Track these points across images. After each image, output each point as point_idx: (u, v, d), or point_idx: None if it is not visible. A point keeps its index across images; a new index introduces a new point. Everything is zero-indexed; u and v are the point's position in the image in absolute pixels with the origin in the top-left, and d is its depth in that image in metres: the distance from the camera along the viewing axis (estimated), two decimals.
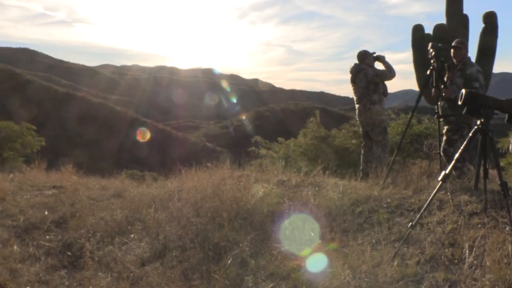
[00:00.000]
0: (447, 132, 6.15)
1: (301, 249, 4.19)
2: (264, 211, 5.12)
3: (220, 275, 3.92)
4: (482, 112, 3.69)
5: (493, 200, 4.24)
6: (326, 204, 5.08)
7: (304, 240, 4.36)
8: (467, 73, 5.86)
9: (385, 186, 5.50)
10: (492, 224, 3.80)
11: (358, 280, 3.40)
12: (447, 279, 3.22)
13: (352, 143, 10.59)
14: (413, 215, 4.46)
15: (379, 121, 7.21)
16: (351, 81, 7.44)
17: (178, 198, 5.99)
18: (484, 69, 8.81)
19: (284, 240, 4.38)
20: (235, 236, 4.61)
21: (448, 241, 3.77)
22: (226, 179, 6.51)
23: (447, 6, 9.57)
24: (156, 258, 4.62)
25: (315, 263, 3.91)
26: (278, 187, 6.10)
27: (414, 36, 9.85)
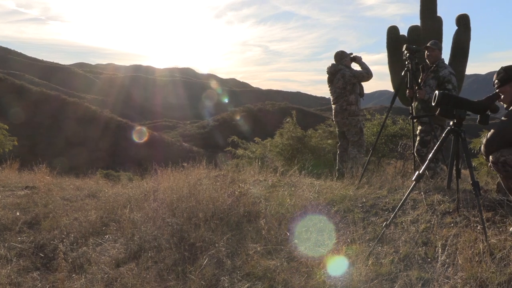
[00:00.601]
0: (420, 133, 6.24)
1: (277, 249, 4.21)
2: (240, 211, 5.11)
3: (196, 275, 3.91)
4: (455, 113, 3.75)
5: (465, 199, 4.31)
6: (302, 203, 5.10)
7: (280, 240, 4.37)
8: (440, 75, 5.95)
9: (360, 186, 5.56)
10: (464, 223, 3.86)
11: (333, 279, 3.42)
12: (420, 277, 3.26)
13: (328, 143, 10.67)
14: (387, 215, 4.52)
15: (355, 122, 7.28)
16: (328, 82, 7.48)
17: (153, 199, 5.95)
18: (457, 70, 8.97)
19: (261, 240, 4.38)
20: (211, 236, 4.60)
21: (422, 240, 3.82)
22: (202, 179, 6.49)
23: (422, 8, 9.72)
24: (131, 259, 4.58)
25: (292, 262, 3.93)
26: (255, 187, 6.11)
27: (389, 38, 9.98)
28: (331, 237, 4.26)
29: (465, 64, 9.49)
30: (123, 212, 5.63)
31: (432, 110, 4.31)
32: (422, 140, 6.18)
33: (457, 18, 9.57)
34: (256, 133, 16.37)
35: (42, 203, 6.39)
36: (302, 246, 4.15)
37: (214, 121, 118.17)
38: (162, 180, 6.63)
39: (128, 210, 5.67)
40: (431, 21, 9.61)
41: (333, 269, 3.57)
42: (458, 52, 9.38)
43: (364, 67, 7.28)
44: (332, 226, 4.57)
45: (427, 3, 9.63)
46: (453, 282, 3.04)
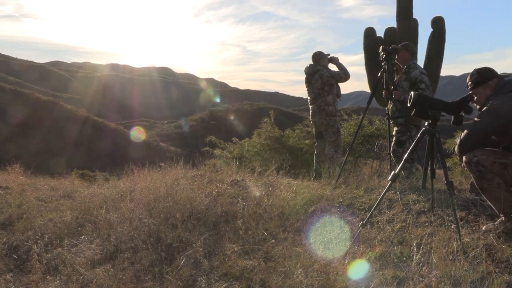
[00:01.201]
0: (396, 133, 6.31)
1: (255, 249, 4.21)
2: (218, 211, 5.10)
3: (172, 276, 3.88)
4: (430, 114, 3.81)
5: (440, 199, 4.39)
6: (280, 203, 5.12)
7: (257, 240, 4.38)
8: (411, 76, 6.04)
9: (337, 186, 5.60)
10: (439, 222, 3.93)
11: (310, 278, 3.44)
12: (395, 276, 3.30)
13: (305, 143, 10.71)
14: (364, 214, 4.56)
15: (332, 122, 7.33)
16: (306, 82, 7.52)
17: (130, 199, 5.89)
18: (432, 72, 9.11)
19: (238, 240, 4.38)
20: (188, 237, 4.58)
21: (397, 239, 3.87)
22: (179, 179, 6.46)
23: (398, 10, 9.84)
24: (107, 260, 4.52)
25: (269, 262, 3.93)
26: (232, 187, 6.10)
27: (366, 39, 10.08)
28: (308, 237, 4.28)
29: (440, 66, 9.64)
30: (99, 213, 5.57)
31: (407, 110, 4.37)
32: (398, 141, 6.25)
33: (432, 20, 9.72)
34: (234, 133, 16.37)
35: (16, 203, 6.28)
36: (280, 246, 4.16)
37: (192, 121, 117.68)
38: (139, 180, 6.58)
39: (104, 211, 5.60)
40: (407, 23, 9.74)
41: (309, 269, 3.59)
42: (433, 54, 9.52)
43: (342, 68, 7.34)
44: (309, 226, 4.60)
45: (403, 5, 9.76)
46: (428, 280, 3.08)
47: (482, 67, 3.92)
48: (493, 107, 3.64)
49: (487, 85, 3.79)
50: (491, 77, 3.81)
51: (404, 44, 6.19)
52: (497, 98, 3.66)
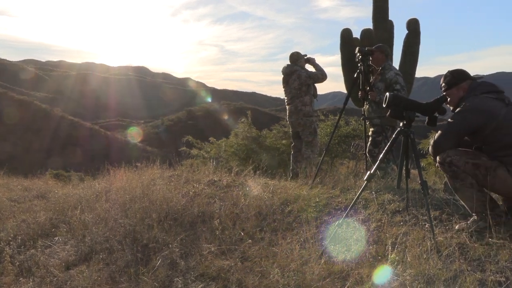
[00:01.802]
0: (372, 134, 6.38)
1: (231, 249, 4.21)
2: (194, 212, 5.09)
3: (148, 277, 3.86)
4: (405, 114, 3.85)
5: (414, 198, 4.45)
6: (257, 203, 5.13)
7: (234, 240, 4.37)
8: (386, 77, 6.10)
9: (314, 186, 5.63)
10: (413, 222, 3.98)
11: (286, 278, 3.45)
12: (371, 275, 3.33)
13: (282, 144, 10.74)
14: (340, 214, 4.59)
15: (309, 122, 7.36)
16: (283, 82, 7.53)
17: (105, 199, 5.84)
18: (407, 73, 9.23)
19: (215, 240, 4.37)
20: (165, 237, 4.55)
21: (372, 238, 3.91)
22: (156, 179, 6.42)
23: (374, 12, 9.96)
24: (82, 261, 4.48)
25: (246, 262, 3.94)
26: (209, 187, 6.09)
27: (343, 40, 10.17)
28: (285, 237, 4.29)
29: (415, 67, 9.80)
30: (74, 213, 5.50)
31: (383, 111, 4.41)
32: (374, 141, 6.31)
33: (407, 22, 9.86)
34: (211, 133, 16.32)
35: None
36: (257, 245, 4.17)
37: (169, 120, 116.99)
38: (114, 181, 6.52)
39: (79, 211, 5.54)
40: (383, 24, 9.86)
41: (286, 268, 3.60)
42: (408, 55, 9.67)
43: (319, 69, 7.37)
44: (286, 226, 4.62)
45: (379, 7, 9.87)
46: (402, 279, 3.12)
47: (455, 69, 3.99)
48: (466, 108, 3.71)
49: (460, 87, 3.86)
50: (464, 78, 3.88)
51: (378, 46, 6.26)
52: (470, 99, 3.73)
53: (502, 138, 3.58)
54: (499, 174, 3.55)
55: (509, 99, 3.70)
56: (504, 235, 3.41)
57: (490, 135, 3.62)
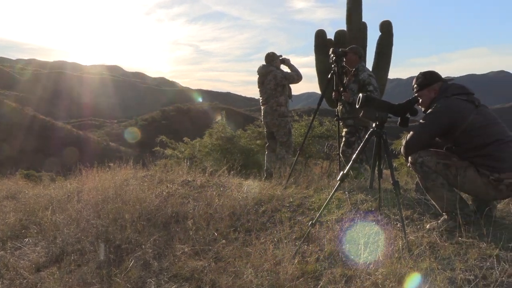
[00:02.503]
0: (345, 134, 6.43)
1: (205, 249, 4.19)
2: (168, 212, 5.05)
3: (121, 278, 3.81)
4: (377, 115, 3.89)
5: (386, 198, 4.50)
6: (231, 204, 5.12)
7: (208, 240, 4.36)
8: (359, 78, 6.17)
9: (288, 186, 5.65)
10: (385, 221, 4.03)
11: (260, 278, 3.45)
12: (343, 274, 3.35)
13: (256, 144, 10.76)
14: (313, 214, 4.62)
15: (284, 123, 7.39)
16: (259, 82, 7.54)
17: (77, 200, 5.76)
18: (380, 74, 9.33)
19: (188, 241, 4.35)
20: (138, 238, 4.51)
21: (346, 238, 3.94)
22: (129, 180, 6.36)
23: (348, 14, 10.04)
24: (53, 263, 4.40)
25: (220, 262, 3.92)
26: (183, 187, 6.05)
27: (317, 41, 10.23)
28: (258, 237, 4.29)
29: (388, 69, 9.91)
30: (45, 214, 5.41)
31: (356, 112, 4.46)
32: (347, 141, 6.37)
33: (380, 24, 9.98)
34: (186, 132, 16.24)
35: None
36: (230, 246, 4.16)
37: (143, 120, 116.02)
38: (86, 181, 6.43)
39: (50, 212, 5.45)
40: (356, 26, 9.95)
41: (260, 268, 3.60)
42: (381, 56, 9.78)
43: (294, 70, 7.41)
44: (259, 226, 4.62)
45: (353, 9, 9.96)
46: (374, 278, 3.15)
47: (427, 71, 4.05)
48: (437, 110, 3.77)
49: (432, 88, 3.92)
50: (436, 80, 3.94)
51: (352, 47, 6.32)
52: (441, 101, 3.80)
53: (472, 139, 3.65)
54: (469, 175, 3.62)
55: (479, 101, 3.78)
56: (473, 234, 3.47)
57: (460, 136, 3.69)
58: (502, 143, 3.60)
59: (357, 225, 4.08)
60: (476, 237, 3.42)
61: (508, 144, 3.62)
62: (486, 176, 3.55)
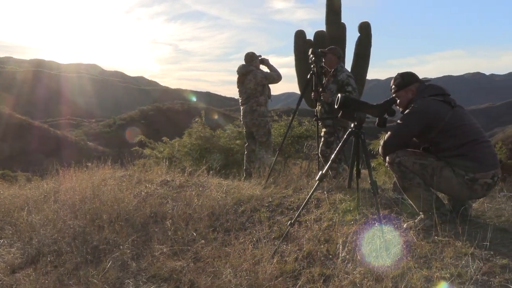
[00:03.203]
0: (324, 134, 6.46)
1: (184, 250, 4.17)
2: (146, 212, 5.02)
3: (98, 279, 3.77)
4: (356, 115, 3.92)
5: (365, 198, 4.54)
6: (210, 204, 5.11)
7: (187, 241, 4.34)
8: (338, 79, 6.21)
9: (267, 186, 5.66)
10: (363, 221, 4.06)
11: (239, 278, 3.45)
12: (322, 273, 3.37)
13: (236, 144, 10.74)
14: (292, 214, 4.63)
15: (264, 123, 7.39)
16: (238, 82, 7.53)
17: (54, 200, 5.68)
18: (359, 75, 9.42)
19: (167, 241, 4.32)
20: (116, 238, 4.47)
21: (324, 237, 3.96)
22: (107, 180, 6.30)
23: (327, 14, 10.11)
24: (29, 264, 4.33)
25: (198, 263, 3.91)
26: (162, 187, 6.02)
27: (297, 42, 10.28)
28: (237, 237, 4.29)
29: (366, 69, 10.01)
30: (20, 215, 5.32)
31: (335, 112, 4.48)
32: (326, 141, 6.40)
33: (359, 25, 10.07)
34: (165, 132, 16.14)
35: None
36: (209, 246, 4.15)
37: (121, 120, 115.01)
38: (64, 181, 6.35)
39: (25, 213, 5.36)
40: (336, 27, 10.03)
41: (238, 268, 3.60)
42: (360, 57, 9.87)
43: (273, 70, 7.42)
44: (239, 226, 4.62)
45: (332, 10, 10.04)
46: (352, 277, 3.18)
47: (404, 72, 4.09)
48: (414, 110, 3.82)
49: (409, 89, 3.97)
50: (413, 81, 3.99)
51: (331, 48, 6.35)
52: (418, 101, 3.84)
53: (448, 139, 3.70)
54: (445, 175, 3.68)
55: (455, 102, 3.84)
56: (449, 233, 3.52)
57: (436, 136, 3.74)
58: (477, 143, 3.66)
59: (335, 225, 4.11)
60: (452, 236, 3.47)
61: (482, 144, 3.68)
62: (461, 176, 3.61)
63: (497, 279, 2.79)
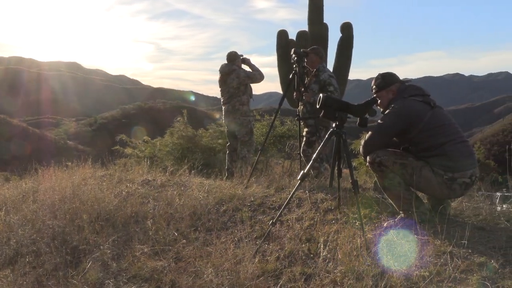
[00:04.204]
0: (306, 134, 6.49)
1: (165, 250, 4.15)
2: (127, 212, 4.98)
3: (78, 280, 3.74)
4: (337, 115, 3.94)
5: (346, 197, 4.56)
6: (191, 203, 5.09)
7: (168, 240, 4.32)
8: (320, 78, 6.24)
9: (249, 185, 5.66)
10: (344, 220, 4.08)
11: (220, 278, 3.45)
12: (303, 272, 3.39)
13: (218, 143, 10.72)
14: (274, 213, 4.64)
15: (246, 122, 7.39)
16: (220, 81, 7.51)
17: (33, 200, 5.61)
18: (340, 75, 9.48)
19: (148, 241, 4.30)
20: (96, 239, 4.43)
21: (305, 236, 3.98)
22: (87, 179, 6.23)
23: (309, 14, 10.15)
24: (6, 265, 4.27)
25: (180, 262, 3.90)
26: (143, 187, 5.98)
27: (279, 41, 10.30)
28: (219, 236, 4.29)
29: (348, 69, 10.08)
30: None
31: (316, 112, 4.50)
32: (308, 141, 6.43)
33: (341, 26, 10.13)
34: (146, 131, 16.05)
35: None
36: (191, 246, 4.13)
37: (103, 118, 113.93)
38: (43, 180, 6.27)
39: (3, 213, 5.29)
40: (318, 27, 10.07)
41: (220, 268, 3.59)
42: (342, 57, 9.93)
43: (255, 69, 7.42)
44: (220, 225, 4.61)
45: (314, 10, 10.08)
46: (333, 276, 3.20)
47: (385, 72, 4.13)
48: (395, 110, 3.86)
49: (390, 89, 4.00)
50: (394, 81, 4.03)
51: (313, 48, 6.38)
52: (398, 102, 3.88)
53: (427, 139, 3.75)
54: (424, 174, 3.72)
55: (435, 102, 3.88)
56: (429, 231, 3.57)
57: (416, 136, 3.78)
58: (456, 143, 3.71)
59: (317, 224, 4.13)
60: (431, 235, 3.51)
61: (461, 144, 3.74)
62: (440, 176, 3.66)
63: (475, 277, 2.83)
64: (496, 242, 3.35)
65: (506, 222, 3.88)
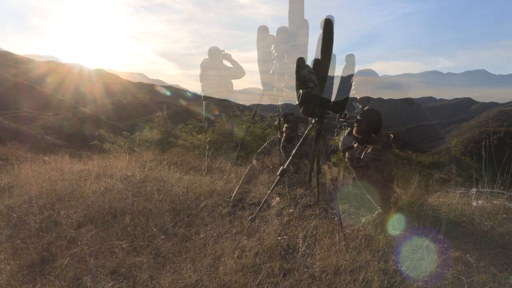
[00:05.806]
0: (286, 130, 6.51)
1: (144, 245, 4.12)
2: (105, 207, 4.93)
3: (55, 276, 3.69)
4: (317, 112, 3.96)
5: (324, 193, 4.60)
6: (171, 199, 5.07)
7: (147, 236, 4.29)
8: (300, 75, 6.26)
9: (229, 181, 5.65)
10: (323, 215, 4.11)
11: (199, 273, 3.44)
12: (282, 267, 3.41)
13: (198, 138, 10.69)
14: (253, 208, 4.65)
15: (226, 118, 7.38)
16: (201, 76, 7.48)
17: (9, 195, 5.51)
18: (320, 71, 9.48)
19: (127, 237, 4.26)
20: (73, 234, 4.37)
21: (284, 232, 4.00)
22: (65, 174, 6.15)
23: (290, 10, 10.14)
24: None
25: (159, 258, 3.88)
26: (122, 182, 5.92)
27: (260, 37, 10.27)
28: (198, 232, 4.28)
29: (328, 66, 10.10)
30: None
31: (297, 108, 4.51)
32: (288, 137, 6.45)
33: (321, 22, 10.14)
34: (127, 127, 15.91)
35: None
36: (170, 241, 4.11)
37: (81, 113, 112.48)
38: (19, 175, 6.17)
39: None
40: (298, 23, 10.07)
41: (199, 263, 3.59)
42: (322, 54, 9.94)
43: (236, 65, 7.41)
44: (199, 221, 4.60)
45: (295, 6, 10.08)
46: (312, 271, 3.22)
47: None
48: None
49: None
50: None
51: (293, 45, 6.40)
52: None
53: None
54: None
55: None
56: (406, 227, 3.61)
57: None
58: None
59: (296, 219, 4.15)
60: (408, 230, 3.56)
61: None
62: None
63: (451, 271, 2.88)
64: (471, 237, 3.42)
65: (481, 218, 3.96)
